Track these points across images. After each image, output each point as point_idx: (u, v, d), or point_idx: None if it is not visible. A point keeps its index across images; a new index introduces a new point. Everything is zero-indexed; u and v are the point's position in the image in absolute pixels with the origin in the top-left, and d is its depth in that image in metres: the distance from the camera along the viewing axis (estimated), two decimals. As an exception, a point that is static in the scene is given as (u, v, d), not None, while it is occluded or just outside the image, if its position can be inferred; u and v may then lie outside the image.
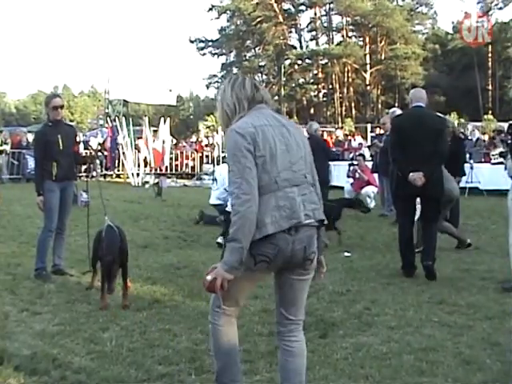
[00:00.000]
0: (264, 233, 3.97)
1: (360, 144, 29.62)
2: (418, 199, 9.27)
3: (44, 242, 8.98)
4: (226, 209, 10.32)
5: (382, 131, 20.98)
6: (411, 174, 8.72)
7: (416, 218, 9.66)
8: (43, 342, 6.22)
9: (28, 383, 5.19)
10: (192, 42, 73.14)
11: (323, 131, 34.48)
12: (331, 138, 32.51)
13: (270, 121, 4.17)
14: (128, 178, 28.49)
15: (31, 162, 27.21)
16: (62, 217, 9.12)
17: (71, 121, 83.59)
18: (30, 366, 5.51)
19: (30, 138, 31.11)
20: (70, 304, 7.63)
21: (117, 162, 31.26)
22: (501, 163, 18.90)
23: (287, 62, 70.74)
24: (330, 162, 17.82)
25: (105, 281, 7.59)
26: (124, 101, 38.83)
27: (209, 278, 4.06)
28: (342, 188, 17.49)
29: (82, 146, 30.65)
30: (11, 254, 9.73)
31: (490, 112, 53.75)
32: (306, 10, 71.99)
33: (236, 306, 4.36)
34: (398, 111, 13.67)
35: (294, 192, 4.08)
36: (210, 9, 71.27)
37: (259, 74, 76.54)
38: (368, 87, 68.89)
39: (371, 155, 21.79)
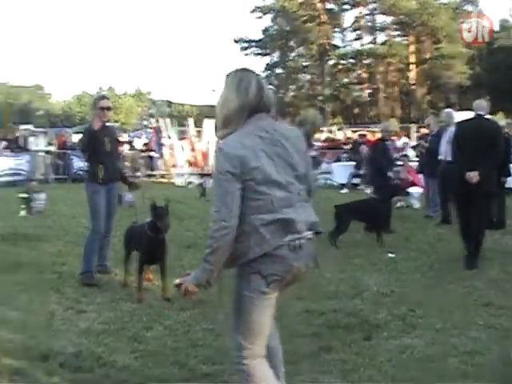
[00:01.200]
0: (264, 250, 3.92)
1: (405, 144, 29.37)
2: None
3: (91, 244, 8.94)
4: None
5: (426, 131, 20.73)
6: (468, 173, 9.45)
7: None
8: (88, 340, 6.28)
9: (72, 381, 5.24)
10: (236, 42, 73.13)
11: (367, 131, 34.29)
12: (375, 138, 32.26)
13: (263, 135, 4.01)
14: (172, 178, 28.59)
15: (77, 163, 27.54)
16: (108, 218, 9.14)
17: (116, 121, 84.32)
18: (75, 364, 5.57)
19: (75, 138, 31.44)
20: (115, 303, 7.70)
21: (161, 162, 31.41)
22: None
23: (331, 62, 70.43)
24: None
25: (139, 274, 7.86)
26: (168, 101, 38.96)
27: (176, 281, 4.18)
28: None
29: (126, 146, 30.94)
30: (57, 253, 9.83)
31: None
32: (350, 9, 71.50)
33: (258, 339, 4.15)
34: (453, 112, 13.83)
35: (289, 213, 3.97)
36: (254, 10, 71.28)
37: (303, 74, 76.33)
38: (413, 87, 68.25)
39: (416, 155, 21.62)
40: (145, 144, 32.87)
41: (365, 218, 12.22)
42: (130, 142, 33.45)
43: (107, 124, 9.35)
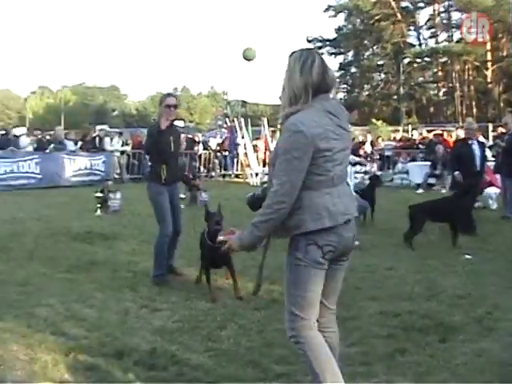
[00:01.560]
0: (320, 225, 4.06)
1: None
2: None
3: (161, 247, 8.83)
4: None
5: (504, 130, 20.35)
6: None
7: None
8: (162, 338, 6.32)
9: (146, 378, 5.28)
10: (309, 41, 73.05)
11: (443, 131, 33.83)
12: (451, 138, 31.80)
13: (331, 117, 4.14)
14: (247, 177, 28.67)
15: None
16: (175, 219, 9.00)
17: (190, 121, 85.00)
18: (149, 362, 5.61)
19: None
20: (189, 301, 7.73)
21: (236, 162, 31.56)
22: None
23: (406, 61, 69.77)
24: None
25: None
26: (242, 101, 39.17)
27: (221, 238, 4.36)
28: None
29: (201, 146, 31.15)
30: (131, 252, 9.93)
31: None
32: (425, 7, 70.74)
33: (315, 312, 4.29)
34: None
35: (342, 189, 4.21)
36: (327, 9, 71.13)
37: (378, 73, 75.85)
38: (489, 85, 67.14)
39: (493, 155, 21.23)
40: (219, 144, 33.05)
41: (439, 219, 12.05)
42: (204, 142, 33.65)
43: (174, 123, 9.30)
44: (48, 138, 28.78)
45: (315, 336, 4.25)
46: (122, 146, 28.44)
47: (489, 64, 65.63)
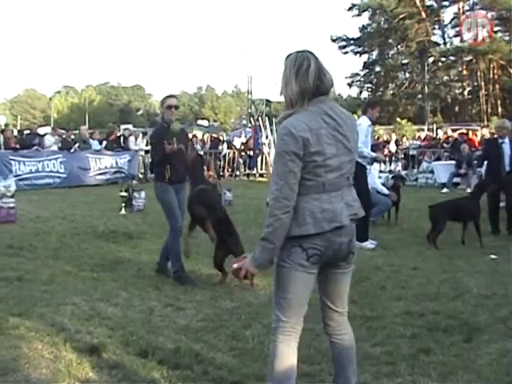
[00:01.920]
0: (305, 231, 4.00)
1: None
2: None
3: (174, 244, 8.94)
4: None
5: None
6: None
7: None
8: (187, 337, 6.33)
9: (171, 377, 5.28)
10: (333, 40, 73.04)
11: (468, 130, 33.63)
12: (476, 137, 31.60)
13: (326, 120, 4.04)
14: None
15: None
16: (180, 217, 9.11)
17: (215, 121, 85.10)
18: (174, 360, 5.62)
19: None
20: (214, 301, 7.75)
21: (260, 161, 31.57)
22: None
23: (431, 60, 69.53)
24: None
25: None
26: (267, 100, 39.13)
27: (235, 266, 4.28)
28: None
29: (225, 145, 31.20)
30: (156, 251, 9.94)
31: None
32: (450, 5, 70.47)
33: (297, 317, 4.22)
34: None
35: (338, 196, 4.09)
36: (351, 7, 71.00)
37: (402, 72, 75.60)
38: (515, 84, 66.74)
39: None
40: (243, 143, 33.07)
41: (459, 218, 12.00)
42: (228, 142, 33.70)
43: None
44: (73, 137, 28.90)
45: (286, 345, 4.17)
46: (147, 145, 28.51)
47: (514, 62, 65.17)
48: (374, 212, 13.97)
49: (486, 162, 13.82)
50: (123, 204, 16.27)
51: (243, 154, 31.69)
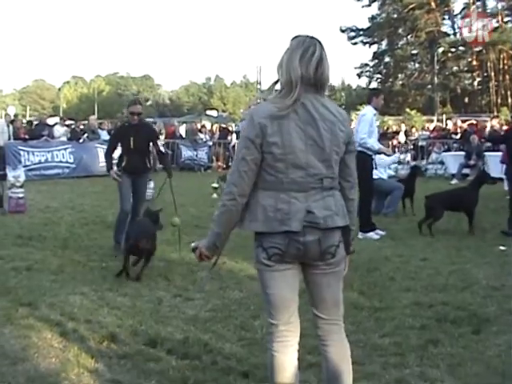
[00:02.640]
0: (253, 227, 3.89)
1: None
2: None
3: (120, 222, 10.18)
4: None
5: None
6: None
7: None
8: (195, 327, 6.34)
9: (180, 367, 5.29)
10: (343, 31, 72.77)
11: (477, 121, 33.52)
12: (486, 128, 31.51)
13: (298, 111, 3.78)
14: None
15: (185, 152, 28.03)
16: (136, 206, 10.32)
17: (223, 111, 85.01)
18: (182, 350, 5.63)
19: (182, 129, 31.82)
20: (222, 291, 7.76)
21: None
22: None
23: (440, 50, 69.26)
24: (486, 153, 17.30)
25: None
26: (276, 91, 39.09)
27: (192, 245, 4.17)
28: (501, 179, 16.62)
29: (234, 136, 31.21)
30: (165, 241, 9.96)
31: None
32: (460, -5, 70.21)
33: (287, 316, 4.02)
34: None
35: (297, 198, 3.79)
36: (361, -3, 70.78)
37: (412, 63, 75.35)
38: (525, 74, 66.48)
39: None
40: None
41: (455, 208, 12.05)
42: (237, 132, 33.68)
43: (145, 123, 11.15)
44: (82, 127, 28.95)
45: (282, 353, 4.02)
46: (156, 135, 28.57)
47: (525, 53, 64.90)
48: (391, 201, 13.98)
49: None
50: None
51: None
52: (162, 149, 10.38)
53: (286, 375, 4.02)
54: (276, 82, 4.00)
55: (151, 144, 10.32)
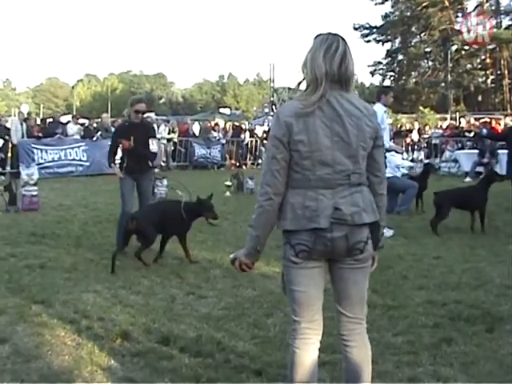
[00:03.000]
0: (282, 226, 3.91)
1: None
2: None
3: (121, 224, 9.73)
4: None
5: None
6: None
7: None
8: (208, 325, 6.34)
9: (192, 364, 5.29)
10: (356, 29, 72.62)
11: (491, 119, 33.39)
12: (499, 126, 31.40)
13: (324, 108, 3.79)
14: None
15: (198, 150, 28.02)
16: (142, 203, 10.26)
17: (237, 109, 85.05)
18: (195, 348, 5.63)
19: (195, 127, 31.82)
20: (235, 289, 7.76)
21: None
22: None
23: (454, 48, 69.03)
24: (499, 151, 17.22)
25: None
26: (289, 89, 39.08)
27: (231, 256, 4.15)
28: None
29: (247, 134, 31.21)
30: (178, 239, 9.97)
31: None
32: (473, -7, 69.87)
33: (310, 314, 4.06)
34: None
35: (325, 195, 3.82)
36: (374, -5, 70.58)
37: (425, 60, 75.15)
38: (539, 72, 66.15)
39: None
40: (265, 131, 33.06)
41: (463, 206, 12.03)
42: (251, 130, 33.70)
43: (145, 121, 10.82)
44: (95, 125, 29.00)
45: (303, 350, 4.05)
46: (169, 133, 28.60)
47: (538, 51, 64.57)
48: (405, 199, 13.94)
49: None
50: (146, 192, 16.28)
51: (265, 142, 31.67)
52: (155, 148, 10.15)
53: (305, 372, 4.04)
54: (301, 82, 3.99)
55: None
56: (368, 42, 73.47)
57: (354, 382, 4.08)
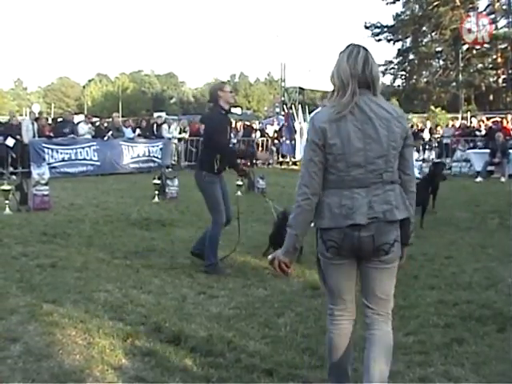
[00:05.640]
0: (320, 225, 4.14)
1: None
2: None
3: (216, 237, 8.65)
4: None
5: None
6: None
7: None
8: (219, 324, 6.35)
9: (203, 364, 5.29)
10: (367, 28, 72.49)
11: (503, 118, 33.28)
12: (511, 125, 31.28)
13: (355, 112, 3.99)
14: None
15: (209, 150, 27.90)
16: (227, 206, 8.86)
17: (248, 108, 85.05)
18: (206, 348, 5.63)
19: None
20: (246, 288, 7.76)
21: (293, 149, 31.53)
22: None
23: (465, 47, 68.80)
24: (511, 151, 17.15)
25: None
26: (300, 88, 39.02)
27: (269, 257, 4.32)
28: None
29: (258, 133, 31.19)
30: (189, 239, 9.97)
31: None
32: (484, -8, 69.63)
33: (342, 303, 4.36)
34: None
35: (360, 193, 4.04)
36: (385, -6, 70.42)
37: (436, 60, 74.96)
38: (550, 72, 65.89)
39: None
40: (276, 131, 33.06)
41: None
42: (261, 129, 33.71)
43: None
44: (106, 125, 29.05)
45: (337, 335, 4.39)
46: (180, 133, 28.61)
47: (550, 50, 64.31)
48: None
49: None
50: (156, 192, 16.34)
51: (276, 141, 31.68)
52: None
53: (339, 354, 4.39)
54: (332, 93, 4.17)
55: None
56: (379, 41, 73.32)
57: (373, 365, 4.22)
